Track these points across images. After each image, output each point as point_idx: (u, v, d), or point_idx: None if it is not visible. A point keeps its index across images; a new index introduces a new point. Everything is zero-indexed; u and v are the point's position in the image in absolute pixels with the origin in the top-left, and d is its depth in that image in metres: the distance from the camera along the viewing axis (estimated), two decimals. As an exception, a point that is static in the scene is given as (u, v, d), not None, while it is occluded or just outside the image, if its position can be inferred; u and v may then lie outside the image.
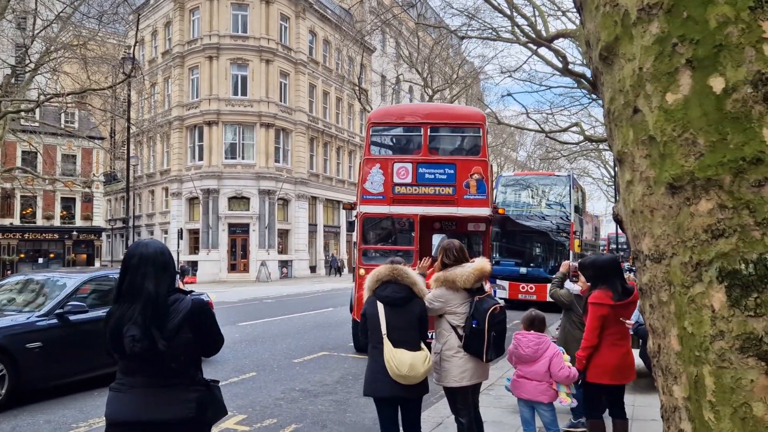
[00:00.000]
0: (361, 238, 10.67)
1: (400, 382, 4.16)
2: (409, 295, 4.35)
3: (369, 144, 11.09)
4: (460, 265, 4.62)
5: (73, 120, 36.25)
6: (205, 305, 2.79)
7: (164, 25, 42.19)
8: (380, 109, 12.75)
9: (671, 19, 1.29)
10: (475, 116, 11.36)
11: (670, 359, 1.35)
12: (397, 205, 10.53)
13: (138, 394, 2.66)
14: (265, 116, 38.52)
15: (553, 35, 16.18)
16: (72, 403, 7.47)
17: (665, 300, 1.35)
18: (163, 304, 2.66)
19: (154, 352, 2.59)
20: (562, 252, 18.85)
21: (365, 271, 9.88)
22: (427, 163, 10.54)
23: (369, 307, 4.39)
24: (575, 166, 45.56)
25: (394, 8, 28.54)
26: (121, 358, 2.70)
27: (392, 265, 4.46)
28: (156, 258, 2.73)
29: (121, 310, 2.68)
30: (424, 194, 10.47)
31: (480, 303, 4.49)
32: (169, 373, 2.68)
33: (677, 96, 1.29)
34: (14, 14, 21.50)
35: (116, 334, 2.65)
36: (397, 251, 10.55)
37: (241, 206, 38.00)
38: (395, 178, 10.51)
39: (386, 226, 11.46)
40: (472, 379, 4.52)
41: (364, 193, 10.64)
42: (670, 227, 1.32)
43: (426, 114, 11.14)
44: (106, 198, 47.20)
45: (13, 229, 37.27)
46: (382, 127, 11.51)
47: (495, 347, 4.46)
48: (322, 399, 7.69)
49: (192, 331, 2.68)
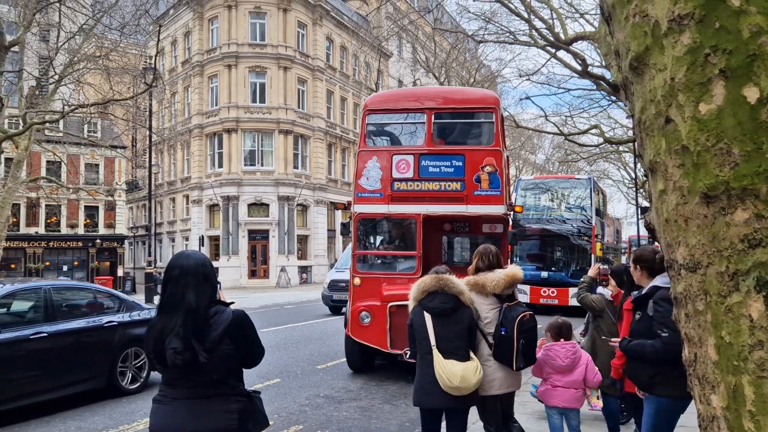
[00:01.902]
0: (356, 243, 9.48)
1: (451, 394, 4.13)
2: (457, 304, 4.30)
3: (365, 134, 9.70)
4: (492, 270, 4.57)
5: (96, 130, 36.80)
6: (245, 317, 2.78)
7: (184, 34, 42.71)
8: (378, 94, 11.28)
9: (703, 29, 1.30)
10: (487, 99, 9.83)
11: (707, 368, 1.35)
12: (396, 203, 9.23)
13: (180, 406, 2.67)
14: (283, 123, 38.78)
15: (572, 38, 16.09)
16: (101, 410, 7.58)
17: (701, 309, 1.36)
18: (203, 316, 2.65)
19: (196, 364, 2.60)
20: (584, 256, 18.69)
21: (361, 281, 9.17)
22: (432, 155, 9.19)
23: (416, 318, 4.35)
24: (595, 168, 45.18)
25: (411, 14, 28.59)
26: (163, 369, 2.71)
27: (438, 275, 4.40)
28: (197, 269, 2.72)
29: (163, 322, 2.68)
30: (428, 191, 9.15)
31: (509, 310, 4.41)
32: (211, 385, 2.68)
33: (710, 106, 1.30)
34: (39, 27, 21.94)
35: (158, 345, 2.65)
36: (398, 257, 9.89)
37: (260, 212, 38.25)
38: (394, 173, 9.21)
39: (385, 228, 10.23)
40: (501, 388, 4.44)
41: (359, 190, 9.39)
42: (706, 237, 1.32)
43: (430, 98, 9.75)
44: (128, 206, 47.80)
45: (38, 238, 37.90)
46: (380, 115, 10.03)
47: (524, 355, 4.38)
48: (347, 405, 7.71)
49: (233, 342, 2.68)
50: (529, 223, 19.36)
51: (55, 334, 7.41)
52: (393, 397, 8.05)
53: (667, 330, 3.55)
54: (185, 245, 40.46)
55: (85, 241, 40.10)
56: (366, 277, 9.23)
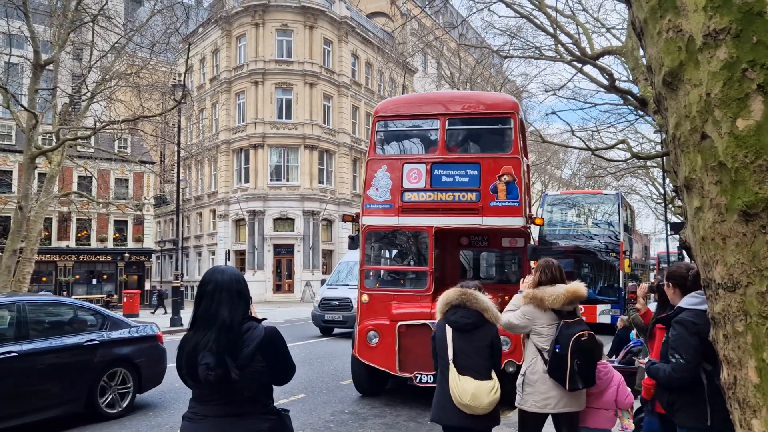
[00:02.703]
0: (363, 257, 8.95)
1: (465, 412, 4.04)
2: (479, 321, 4.21)
3: (374, 142, 9.18)
4: (554, 284, 4.40)
5: (126, 145, 37.51)
6: (277, 333, 2.74)
7: (212, 52, 43.51)
8: (389, 100, 10.80)
9: (740, 44, 1.28)
10: (505, 103, 9.22)
11: (747, 392, 1.31)
12: (407, 215, 8.67)
13: (211, 424, 2.64)
14: (309, 138, 39.12)
15: (599, 52, 15.97)
16: (129, 423, 7.65)
17: (741, 330, 1.31)
18: (237, 332, 2.63)
19: (228, 380, 2.57)
20: (612, 272, 18.40)
21: (369, 298, 8.63)
22: (445, 163, 8.62)
23: (438, 331, 4.31)
24: (622, 183, 44.57)
25: (436, 30, 28.72)
26: (195, 385, 2.69)
27: (462, 288, 4.33)
28: (231, 285, 2.70)
29: (196, 338, 2.66)
30: (441, 202, 8.57)
31: (566, 327, 4.24)
32: (242, 402, 2.65)
33: (749, 122, 1.27)
34: (72, 46, 22.53)
35: (191, 361, 2.64)
36: (408, 273, 9.43)
37: (286, 227, 38.52)
38: (405, 183, 8.67)
39: (395, 241, 9.70)
40: (557, 407, 4.27)
41: (368, 201, 8.89)
42: (745, 256, 1.28)
43: (443, 103, 9.18)
44: (156, 220, 48.50)
45: (69, 251, 38.62)
46: (391, 121, 9.47)
47: (581, 376, 4.16)
48: (372, 422, 7.66)
49: (265, 359, 2.66)
50: (556, 239, 19.15)
51: (28, 353, 6.89)
52: (418, 415, 7.97)
53: (677, 356, 3.43)
54: (212, 260, 40.91)
55: (114, 254, 40.74)
56: (374, 294, 8.72)
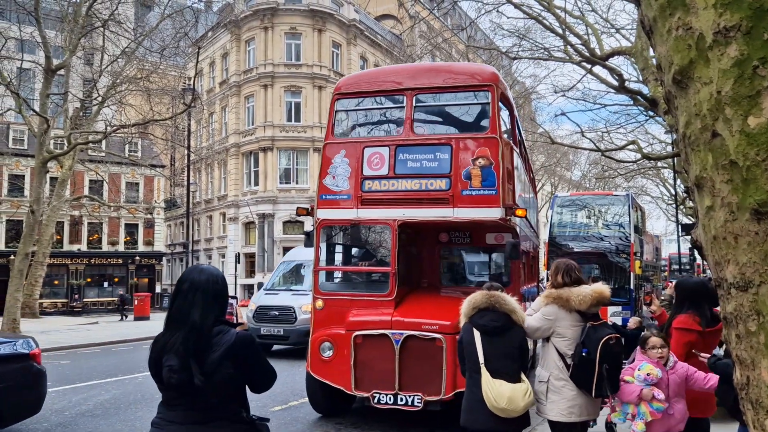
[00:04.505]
0: (317, 256, 7.78)
1: (498, 415, 3.98)
2: (508, 323, 4.16)
3: (332, 123, 7.97)
4: (578, 285, 4.27)
5: (136, 149, 37.79)
6: (249, 340, 2.59)
7: (222, 56, 43.73)
8: (351, 75, 9.43)
9: (751, 41, 1.27)
10: (482, 73, 7.76)
11: (761, 392, 1.30)
12: (367, 207, 7.45)
13: (176, 430, 2.49)
14: (318, 141, 39.15)
15: (608, 53, 15.93)
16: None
17: (754, 330, 1.31)
18: (206, 336, 2.49)
19: (192, 384, 2.43)
20: (623, 274, 18.30)
21: (323, 304, 7.50)
22: (411, 146, 7.40)
23: (465, 335, 4.24)
24: (632, 184, 44.37)
25: (445, 32, 28.72)
26: (161, 388, 2.57)
27: (489, 291, 4.27)
28: (207, 286, 2.57)
29: (166, 337, 2.54)
30: (406, 191, 7.32)
31: (593, 330, 4.10)
32: (209, 408, 2.50)
33: (760, 119, 1.26)
34: (83, 51, 22.75)
35: (157, 361, 2.52)
36: (368, 274, 8.26)
37: (295, 230, 38.59)
38: (366, 169, 7.44)
39: (353, 237, 8.57)
40: (582, 416, 4.15)
41: (323, 191, 7.68)
42: (757, 254, 1.28)
43: (411, 76, 7.86)
44: (166, 224, 48.77)
45: (80, 255, 38.91)
46: (352, 99, 8.18)
47: (609, 382, 4.02)
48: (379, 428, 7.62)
49: (234, 366, 2.49)
50: (566, 241, 19.08)
51: None
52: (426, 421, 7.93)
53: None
54: (222, 262, 41.06)
55: (124, 257, 41.00)
56: (330, 299, 7.58)
